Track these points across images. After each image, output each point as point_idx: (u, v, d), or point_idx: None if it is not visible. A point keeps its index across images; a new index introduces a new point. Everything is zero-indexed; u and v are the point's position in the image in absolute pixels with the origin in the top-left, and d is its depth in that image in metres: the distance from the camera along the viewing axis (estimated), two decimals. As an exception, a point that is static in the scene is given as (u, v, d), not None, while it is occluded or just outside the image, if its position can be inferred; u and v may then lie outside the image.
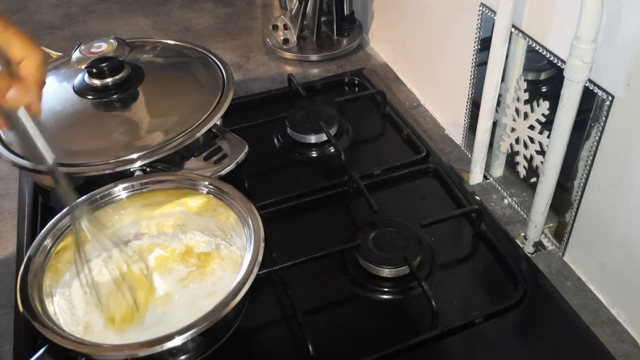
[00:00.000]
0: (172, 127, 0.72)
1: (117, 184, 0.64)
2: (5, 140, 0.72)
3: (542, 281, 0.66)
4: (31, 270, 0.56)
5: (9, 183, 0.89)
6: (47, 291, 0.56)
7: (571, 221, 0.68)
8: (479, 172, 0.82)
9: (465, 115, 0.85)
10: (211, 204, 0.64)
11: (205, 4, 1.34)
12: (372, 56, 1.13)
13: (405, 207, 0.78)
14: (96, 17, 1.31)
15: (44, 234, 0.60)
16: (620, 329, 0.64)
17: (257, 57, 1.13)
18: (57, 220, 0.61)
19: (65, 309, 0.58)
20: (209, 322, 0.51)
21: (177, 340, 0.50)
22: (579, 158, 0.65)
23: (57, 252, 0.59)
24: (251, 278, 0.54)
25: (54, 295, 0.58)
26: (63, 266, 0.60)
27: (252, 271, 0.54)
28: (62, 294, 0.59)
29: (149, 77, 0.79)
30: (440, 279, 0.67)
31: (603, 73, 0.58)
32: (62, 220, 0.61)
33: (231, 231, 0.63)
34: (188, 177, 0.65)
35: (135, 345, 0.50)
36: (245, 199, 0.62)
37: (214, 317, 0.51)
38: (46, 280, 0.57)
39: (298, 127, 0.87)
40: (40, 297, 0.55)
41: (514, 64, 0.72)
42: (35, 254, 0.58)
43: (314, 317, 0.64)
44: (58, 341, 0.50)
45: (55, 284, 0.58)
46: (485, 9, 0.74)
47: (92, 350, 0.50)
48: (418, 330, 0.62)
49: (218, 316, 0.51)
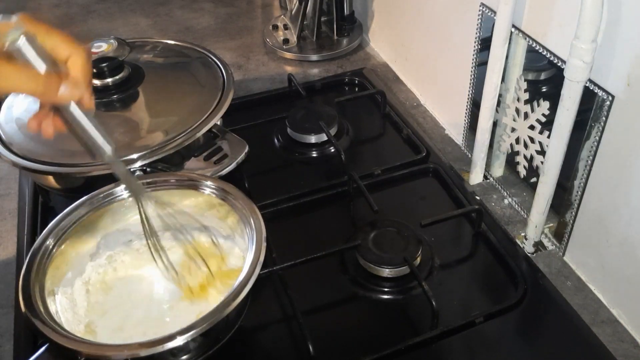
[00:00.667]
0: (172, 127, 0.72)
1: (118, 183, 0.64)
2: (6, 140, 0.72)
3: (542, 281, 0.66)
4: (33, 269, 0.56)
5: (9, 183, 0.89)
6: (48, 290, 0.56)
7: (571, 221, 0.68)
8: (479, 172, 0.82)
9: (466, 115, 0.85)
10: (212, 203, 0.64)
11: (205, 4, 1.34)
12: (372, 56, 1.13)
13: (405, 207, 0.78)
14: (96, 17, 1.31)
15: (46, 233, 0.60)
16: (620, 328, 0.64)
17: (257, 57, 1.13)
18: (60, 220, 0.61)
19: (66, 308, 0.58)
20: (209, 322, 0.50)
21: (179, 340, 0.49)
22: (579, 158, 0.65)
23: (60, 251, 0.59)
24: (253, 278, 0.53)
25: (56, 294, 0.58)
26: (66, 265, 0.60)
27: (254, 271, 0.54)
28: (64, 293, 0.59)
29: (149, 77, 0.79)
30: (440, 278, 0.67)
31: (603, 73, 0.58)
32: (64, 220, 0.61)
33: (233, 231, 0.63)
34: (190, 177, 0.65)
35: (135, 345, 0.50)
36: (247, 199, 0.62)
37: (215, 318, 0.51)
38: (48, 278, 0.57)
39: (298, 127, 0.87)
40: (42, 295, 0.55)
41: (514, 64, 0.72)
42: (37, 252, 0.58)
43: (314, 317, 0.64)
44: (58, 340, 0.50)
45: (57, 283, 0.58)
46: (486, 9, 0.74)
47: (93, 349, 0.50)
48: (418, 330, 0.62)
49: (219, 317, 0.51)
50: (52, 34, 0.47)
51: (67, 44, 0.47)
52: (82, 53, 0.48)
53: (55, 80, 0.46)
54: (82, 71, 0.48)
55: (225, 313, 0.51)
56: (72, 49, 0.47)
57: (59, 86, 0.46)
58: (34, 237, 0.73)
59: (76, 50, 0.47)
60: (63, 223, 0.61)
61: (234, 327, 0.59)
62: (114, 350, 0.50)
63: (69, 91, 0.47)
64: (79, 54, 0.47)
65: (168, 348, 0.49)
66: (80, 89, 0.48)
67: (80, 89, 0.48)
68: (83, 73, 0.48)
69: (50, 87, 0.46)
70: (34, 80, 0.45)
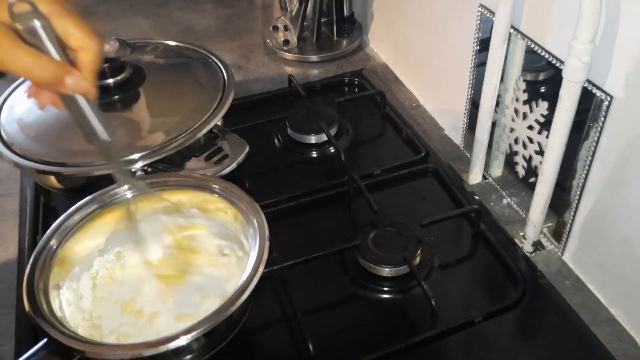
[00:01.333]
0: (173, 127, 0.72)
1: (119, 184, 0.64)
2: (7, 140, 0.72)
3: (541, 281, 0.66)
4: (39, 264, 0.56)
5: (11, 183, 0.90)
6: (53, 284, 0.56)
7: (570, 221, 0.69)
8: (478, 172, 0.82)
9: (465, 116, 0.86)
10: (216, 203, 0.64)
11: (205, 4, 1.34)
12: (372, 57, 1.13)
13: (405, 207, 0.78)
14: (97, 18, 1.31)
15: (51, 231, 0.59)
16: (619, 328, 0.65)
17: (257, 57, 1.14)
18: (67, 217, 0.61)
19: (71, 302, 0.58)
20: (213, 322, 0.50)
21: (182, 340, 0.49)
22: (578, 158, 0.65)
23: (68, 246, 0.59)
24: (256, 277, 0.53)
25: (61, 288, 0.58)
26: (73, 259, 0.60)
27: (258, 270, 0.54)
28: (70, 287, 0.59)
29: (150, 77, 0.80)
30: (440, 278, 0.67)
31: (602, 73, 0.59)
32: (71, 217, 0.61)
33: (237, 231, 0.63)
34: (194, 177, 0.65)
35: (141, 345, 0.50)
36: (250, 198, 0.62)
37: (218, 318, 0.51)
38: (53, 273, 0.57)
39: (298, 127, 0.87)
40: (45, 290, 0.54)
41: (513, 65, 0.72)
42: (43, 248, 0.58)
43: (314, 317, 0.64)
44: (56, 336, 0.50)
45: (63, 277, 0.58)
46: (484, 10, 0.74)
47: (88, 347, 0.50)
48: (418, 330, 0.62)
49: (222, 317, 0.51)
50: (68, 18, 0.44)
51: (83, 33, 0.44)
52: (96, 46, 0.45)
53: (64, 71, 0.43)
54: (93, 65, 0.45)
55: (229, 313, 0.51)
56: (86, 39, 0.44)
57: (66, 77, 0.44)
58: (35, 237, 0.73)
59: (91, 41, 0.44)
60: (69, 221, 0.60)
61: (237, 326, 0.59)
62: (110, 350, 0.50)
63: (76, 84, 0.44)
64: (93, 45, 0.44)
65: (171, 348, 0.49)
66: (87, 83, 0.45)
67: (88, 83, 0.45)
68: (92, 67, 0.45)
69: (57, 78, 0.43)
70: (42, 68, 0.42)
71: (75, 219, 0.61)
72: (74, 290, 0.59)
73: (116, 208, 0.63)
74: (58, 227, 0.60)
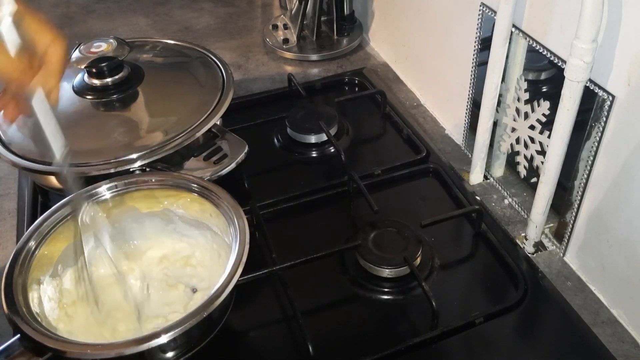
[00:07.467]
0: (171, 127, 0.72)
1: (101, 184, 0.64)
2: (5, 140, 0.72)
3: (543, 281, 0.66)
4: (18, 261, 0.56)
5: (9, 183, 0.89)
6: (35, 279, 0.56)
7: (572, 221, 0.68)
8: (479, 172, 0.82)
9: (466, 115, 0.85)
10: (199, 203, 0.64)
11: (204, 3, 1.34)
12: (372, 56, 1.13)
13: (405, 207, 0.78)
14: (96, 17, 1.31)
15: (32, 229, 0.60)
16: (620, 329, 0.64)
17: (257, 56, 1.13)
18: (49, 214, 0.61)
19: (52, 297, 0.58)
20: (188, 324, 0.50)
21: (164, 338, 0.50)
22: (580, 158, 0.65)
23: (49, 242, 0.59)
24: (234, 279, 0.53)
25: (42, 284, 0.58)
26: (55, 255, 0.60)
27: (236, 272, 0.54)
28: (50, 283, 0.59)
29: (148, 77, 0.79)
30: (441, 279, 0.67)
31: (604, 73, 0.58)
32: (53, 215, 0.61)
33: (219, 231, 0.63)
34: (173, 176, 0.65)
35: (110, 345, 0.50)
36: (231, 198, 0.61)
37: (195, 317, 0.51)
38: (34, 269, 0.57)
39: (298, 127, 0.87)
40: (24, 287, 0.54)
41: (515, 64, 0.72)
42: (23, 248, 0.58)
43: (314, 317, 0.63)
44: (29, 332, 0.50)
45: (45, 272, 0.58)
46: (486, 9, 0.74)
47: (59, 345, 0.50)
48: (418, 331, 0.62)
49: (200, 316, 0.51)
50: (35, 19, 0.45)
51: (49, 32, 0.45)
52: (62, 44, 0.46)
53: (31, 68, 0.44)
54: (58, 64, 0.46)
55: (207, 312, 0.51)
56: (53, 38, 0.45)
57: (33, 75, 0.44)
58: (33, 237, 0.73)
59: (57, 39, 0.45)
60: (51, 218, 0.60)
61: (218, 325, 0.59)
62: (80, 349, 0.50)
63: (42, 82, 0.45)
64: (59, 43, 0.46)
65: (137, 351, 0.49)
66: (53, 81, 0.46)
67: (52, 82, 0.46)
68: (58, 65, 0.46)
69: (25, 75, 0.44)
70: (11, 65, 0.43)
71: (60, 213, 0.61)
72: (55, 286, 0.59)
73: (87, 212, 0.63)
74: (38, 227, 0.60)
